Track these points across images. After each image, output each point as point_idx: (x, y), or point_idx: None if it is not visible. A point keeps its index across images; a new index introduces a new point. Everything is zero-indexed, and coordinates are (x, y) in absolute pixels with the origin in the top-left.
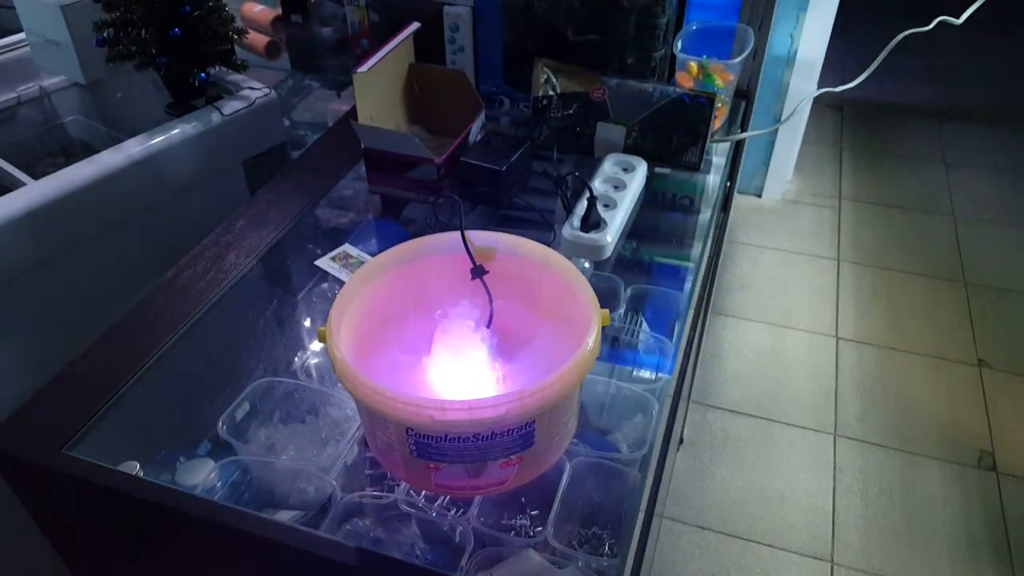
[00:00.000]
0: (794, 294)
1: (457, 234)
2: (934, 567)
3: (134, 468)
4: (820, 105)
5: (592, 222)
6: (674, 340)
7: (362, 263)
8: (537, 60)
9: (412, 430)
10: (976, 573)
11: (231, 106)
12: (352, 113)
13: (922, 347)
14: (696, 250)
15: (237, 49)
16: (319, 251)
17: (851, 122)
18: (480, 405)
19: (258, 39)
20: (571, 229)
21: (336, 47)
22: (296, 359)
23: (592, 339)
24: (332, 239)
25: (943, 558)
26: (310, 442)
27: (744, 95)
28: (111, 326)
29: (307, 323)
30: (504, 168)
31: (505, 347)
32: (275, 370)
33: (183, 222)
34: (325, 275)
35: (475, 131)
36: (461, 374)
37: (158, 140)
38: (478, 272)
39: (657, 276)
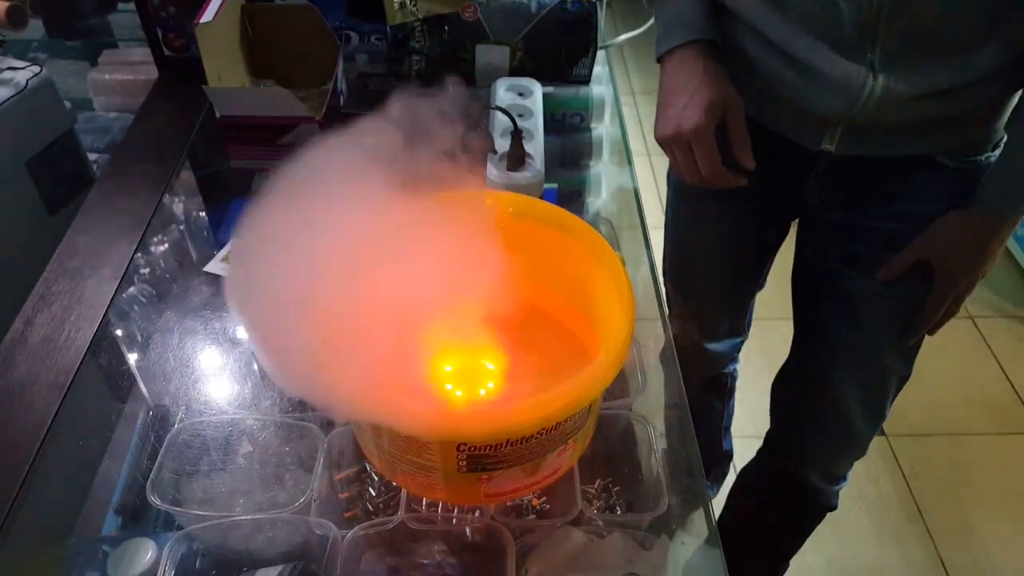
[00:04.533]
0: None
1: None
2: None
3: None
4: None
5: (518, 158)
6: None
7: None
8: None
9: (465, 444)
10: None
11: None
12: (180, 76)
13: None
14: (597, 168)
15: None
16: (198, 253)
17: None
18: (553, 397)
19: None
20: (499, 170)
21: (97, 3)
22: (210, 390)
23: (630, 291)
24: (207, 236)
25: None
26: (260, 482)
27: None
28: None
29: (212, 344)
30: None
31: (509, 317)
32: (188, 410)
33: None
34: (218, 280)
35: (340, 77)
36: (476, 364)
37: None
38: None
39: (564, 202)
